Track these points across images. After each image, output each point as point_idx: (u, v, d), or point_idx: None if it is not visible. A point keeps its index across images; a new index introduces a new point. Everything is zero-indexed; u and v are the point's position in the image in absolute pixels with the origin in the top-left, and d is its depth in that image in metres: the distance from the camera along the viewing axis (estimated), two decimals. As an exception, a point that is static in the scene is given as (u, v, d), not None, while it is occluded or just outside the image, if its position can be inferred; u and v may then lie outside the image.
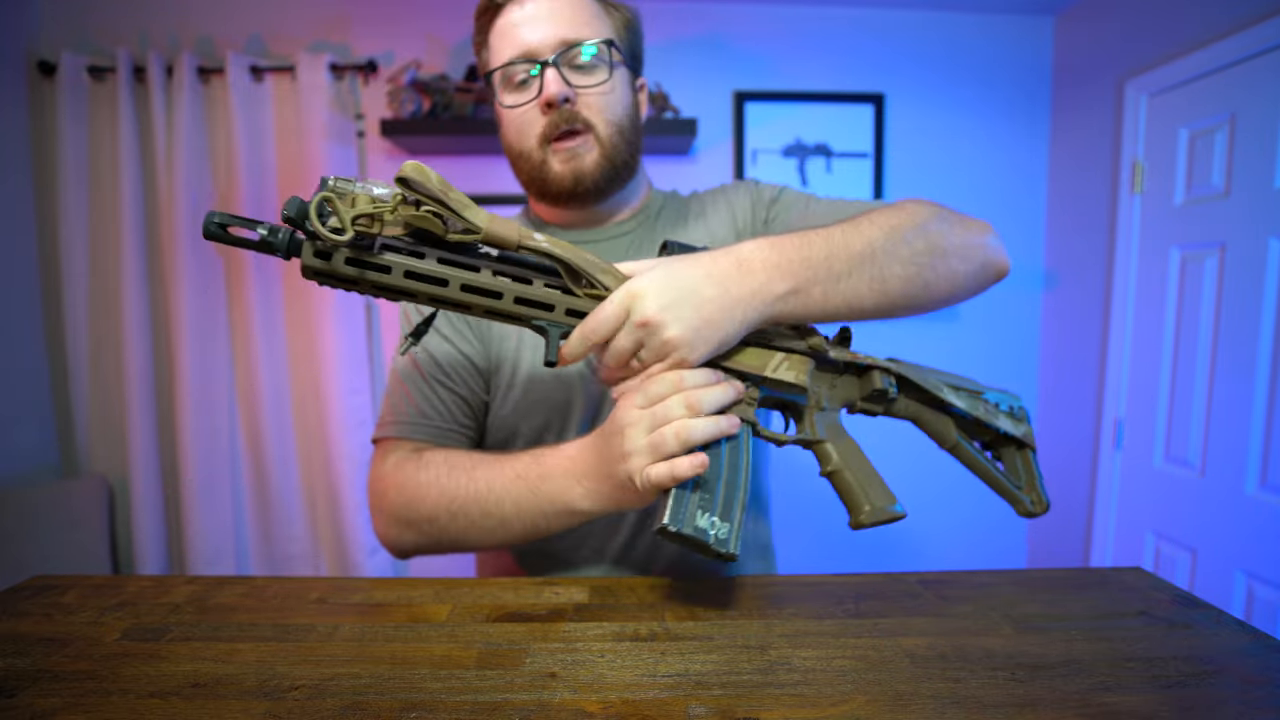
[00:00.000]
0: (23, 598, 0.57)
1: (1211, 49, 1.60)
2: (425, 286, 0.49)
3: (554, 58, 0.69)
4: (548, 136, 0.72)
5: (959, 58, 2.14)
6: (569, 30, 0.70)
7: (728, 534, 0.52)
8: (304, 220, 0.44)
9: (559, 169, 0.72)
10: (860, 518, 0.59)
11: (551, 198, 0.75)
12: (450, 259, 0.50)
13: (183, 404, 1.89)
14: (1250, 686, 0.44)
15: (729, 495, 0.53)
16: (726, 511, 0.52)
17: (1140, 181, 1.84)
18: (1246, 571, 1.56)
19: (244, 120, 1.88)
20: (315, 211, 0.43)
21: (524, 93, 0.72)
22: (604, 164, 0.73)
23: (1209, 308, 1.66)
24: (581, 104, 0.71)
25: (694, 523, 0.51)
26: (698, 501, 0.52)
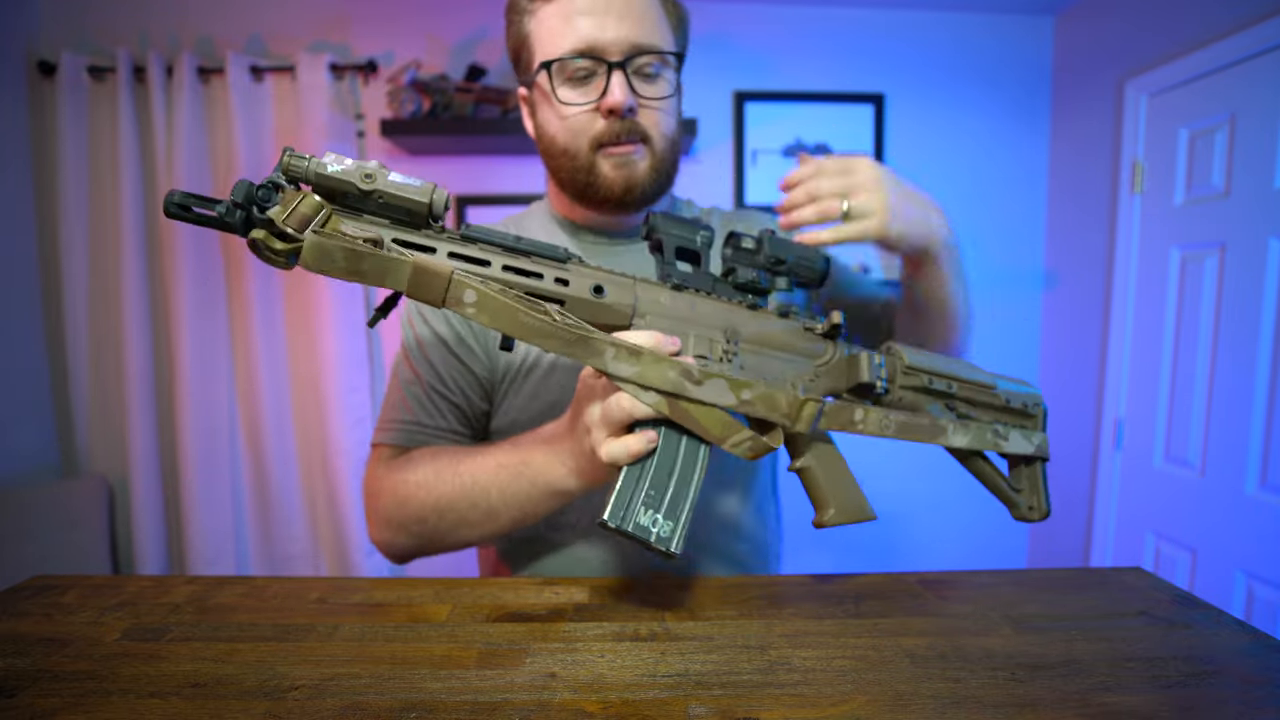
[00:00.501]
0: (23, 598, 0.57)
1: (1211, 49, 1.60)
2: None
3: (624, 62, 0.66)
4: (602, 141, 0.69)
5: (959, 57, 2.14)
6: (640, 33, 0.67)
7: (670, 532, 0.50)
8: (250, 205, 0.42)
9: (610, 174, 0.70)
10: (824, 518, 0.59)
11: (596, 202, 0.73)
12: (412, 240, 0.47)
13: (183, 404, 1.89)
14: (1250, 686, 0.44)
15: (678, 492, 0.51)
16: (673, 509, 0.51)
17: (1140, 181, 1.84)
18: (1246, 571, 1.56)
19: (244, 120, 1.88)
20: (257, 199, 0.42)
21: (583, 91, 0.68)
22: (654, 175, 0.71)
23: (1209, 308, 1.66)
24: (641, 115, 0.69)
25: (635, 519, 0.50)
26: (642, 497, 0.50)
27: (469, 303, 0.44)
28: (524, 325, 0.45)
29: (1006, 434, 0.64)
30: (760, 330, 0.59)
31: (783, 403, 0.53)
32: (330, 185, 0.44)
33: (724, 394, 0.51)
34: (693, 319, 0.56)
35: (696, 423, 0.51)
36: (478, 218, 2.03)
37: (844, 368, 0.61)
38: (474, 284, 0.44)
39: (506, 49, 0.75)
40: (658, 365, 0.49)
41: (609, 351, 0.47)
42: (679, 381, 0.49)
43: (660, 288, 0.56)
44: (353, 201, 0.45)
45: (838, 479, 0.59)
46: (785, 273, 0.60)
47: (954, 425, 0.61)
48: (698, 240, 0.58)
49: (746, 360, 0.58)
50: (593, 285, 0.52)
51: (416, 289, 0.43)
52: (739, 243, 0.60)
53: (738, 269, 0.59)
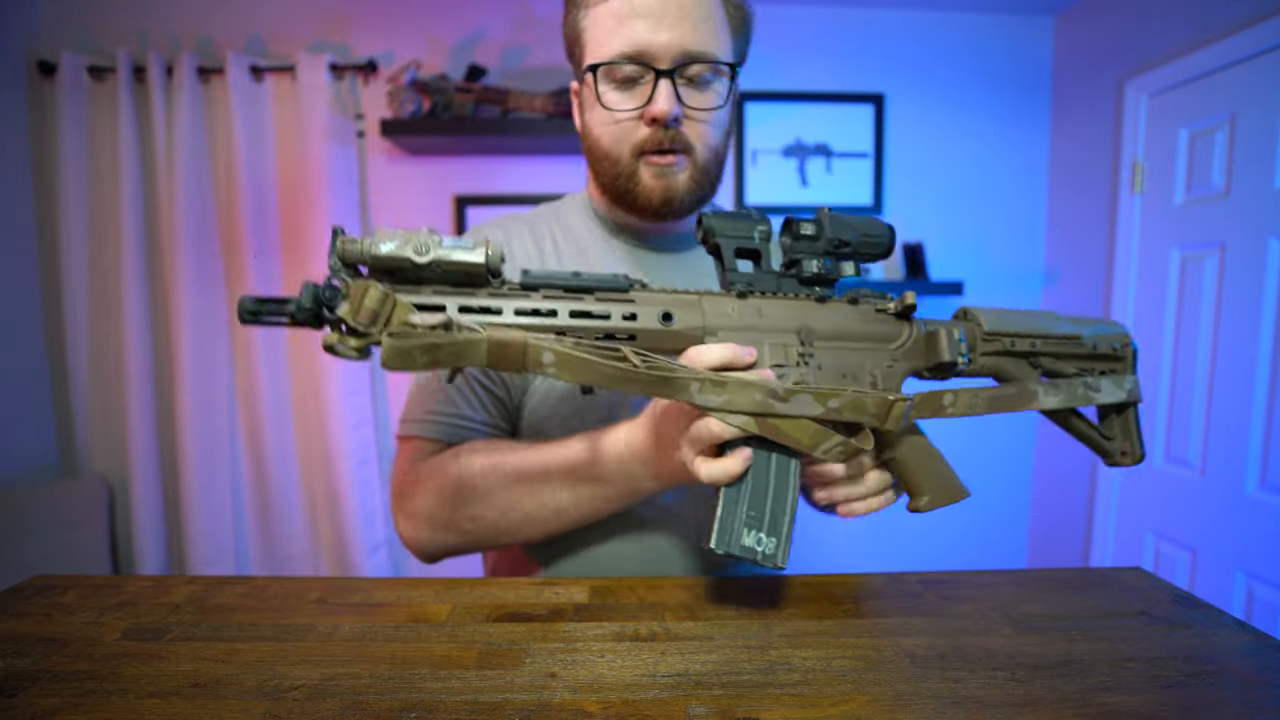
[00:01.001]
0: (23, 598, 0.57)
1: (1211, 49, 1.60)
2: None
3: (672, 70, 0.64)
4: (644, 149, 0.67)
5: (959, 58, 2.14)
6: (695, 39, 0.64)
7: (774, 549, 0.51)
8: (320, 308, 0.43)
9: (650, 183, 0.68)
10: (919, 504, 0.58)
11: (635, 208, 0.71)
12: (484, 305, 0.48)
13: (183, 404, 1.89)
14: (1250, 686, 0.44)
15: (776, 508, 0.52)
16: (774, 525, 0.51)
17: (1140, 181, 1.84)
18: (1246, 571, 1.56)
19: (244, 120, 1.88)
20: (324, 300, 0.43)
21: (629, 95, 0.66)
22: (694, 187, 0.70)
23: (1209, 308, 1.66)
24: (686, 125, 0.67)
25: (740, 542, 0.51)
26: (744, 519, 0.51)
27: (548, 364, 0.44)
28: (605, 375, 0.45)
29: (1098, 384, 0.62)
30: (833, 323, 0.58)
31: (870, 405, 0.52)
32: (386, 264, 0.45)
33: (810, 406, 0.50)
34: (762, 326, 0.55)
35: (786, 435, 0.50)
36: (477, 218, 2.03)
37: (922, 346, 0.60)
38: (549, 345, 0.44)
39: (562, 37, 0.73)
40: (744, 390, 0.48)
41: (694, 386, 0.48)
42: (765, 402, 0.49)
43: (726, 298, 0.55)
44: (410, 275, 0.46)
45: (928, 463, 0.58)
46: (850, 255, 0.58)
47: (1044, 388, 0.59)
48: (756, 236, 0.57)
49: (823, 359, 0.57)
50: (660, 314, 0.52)
51: (495, 361, 0.44)
52: (799, 229, 0.57)
53: (801, 261, 0.58)
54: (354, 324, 0.42)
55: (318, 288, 0.43)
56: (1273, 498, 1.50)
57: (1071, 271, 2.13)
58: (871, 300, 0.60)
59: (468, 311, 0.47)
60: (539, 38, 2.02)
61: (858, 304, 0.59)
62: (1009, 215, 2.21)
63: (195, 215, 1.87)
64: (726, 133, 0.72)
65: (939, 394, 0.56)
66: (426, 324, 0.43)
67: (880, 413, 0.52)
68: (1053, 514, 2.15)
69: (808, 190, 2.14)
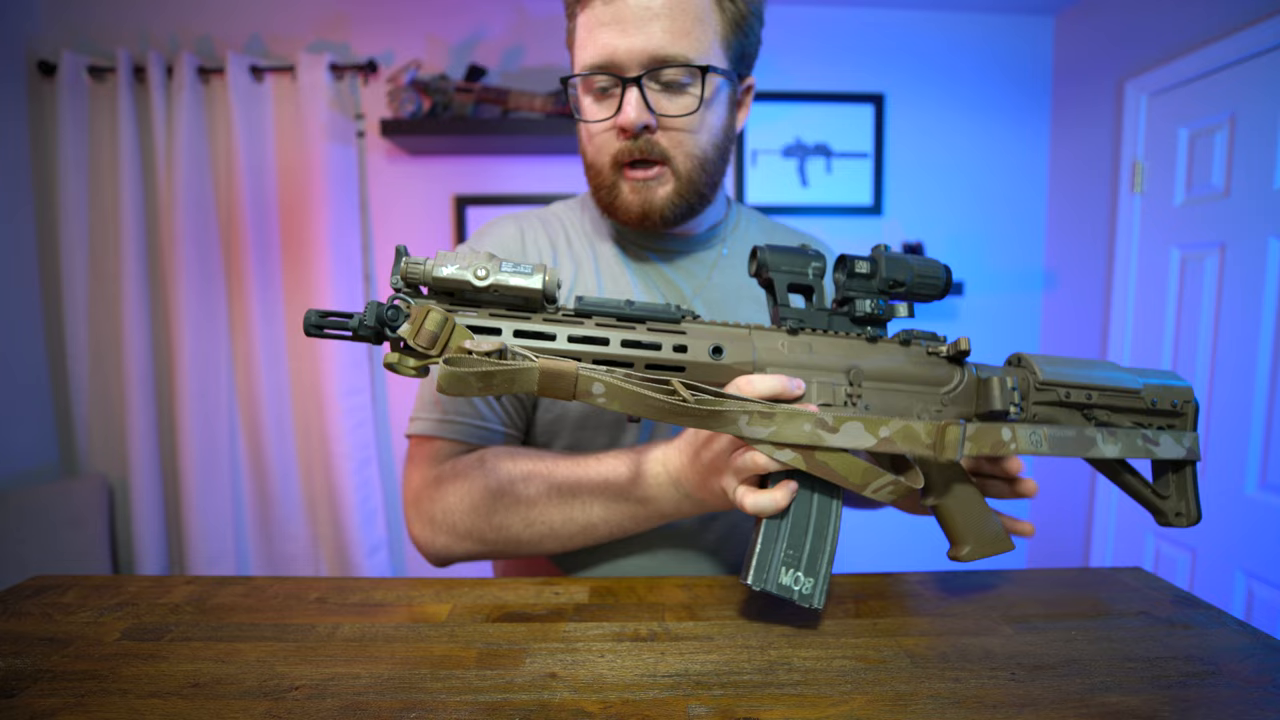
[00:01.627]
0: (23, 598, 0.57)
1: (1211, 49, 1.60)
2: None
3: (639, 76, 0.62)
4: (620, 161, 0.66)
5: (959, 57, 2.14)
6: (664, 41, 0.61)
7: (811, 589, 0.51)
8: (382, 327, 0.45)
9: (628, 197, 0.67)
10: (961, 554, 0.57)
11: (618, 220, 0.71)
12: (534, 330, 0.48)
13: (183, 404, 1.89)
14: (1250, 686, 0.44)
15: (815, 547, 0.51)
16: (812, 565, 0.51)
17: (1140, 181, 1.84)
18: (1246, 571, 1.56)
19: (244, 120, 1.88)
20: (387, 320, 0.44)
21: (603, 105, 0.65)
22: (676, 200, 0.67)
23: (1209, 308, 1.66)
24: (662, 133, 0.64)
25: (777, 580, 0.50)
26: (781, 557, 0.51)
27: (598, 394, 0.45)
28: (654, 408, 0.45)
29: (1157, 439, 0.60)
30: (883, 364, 0.57)
31: (922, 433, 0.51)
32: (447, 285, 0.46)
33: (861, 436, 0.49)
34: (812, 364, 0.55)
35: (834, 473, 0.49)
36: (477, 217, 2.03)
37: (973, 392, 0.59)
38: (600, 376, 0.45)
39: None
40: (792, 421, 0.48)
41: (743, 419, 0.47)
42: (814, 433, 0.48)
43: (777, 333, 0.55)
44: (470, 296, 0.47)
45: (973, 512, 0.58)
46: (905, 295, 0.58)
47: (1102, 435, 0.58)
48: (810, 273, 0.57)
49: (871, 400, 0.56)
50: (711, 347, 0.51)
51: (546, 389, 0.44)
52: (853, 267, 0.57)
53: (855, 299, 0.57)
54: (414, 345, 0.44)
55: (380, 306, 0.44)
56: (1273, 498, 1.50)
57: (1071, 271, 2.13)
58: (923, 342, 0.59)
59: (522, 336, 0.47)
60: (539, 38, 2.02)
61: (909, 345, 0.58)
62: (1009, 215, 2.21)
63: (195, 215, 1.87)
64: (719, 135, 0.68)
65: (997, 427, 0.54)
66: (481, 350, 0.44)
67: (934, 440, 0.51)
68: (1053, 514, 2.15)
69: (808, 190, 2.14)
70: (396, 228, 2.05)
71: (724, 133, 0.69)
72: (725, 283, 0.75)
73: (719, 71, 0.65)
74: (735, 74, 0.68)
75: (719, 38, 0.65)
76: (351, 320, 0.45)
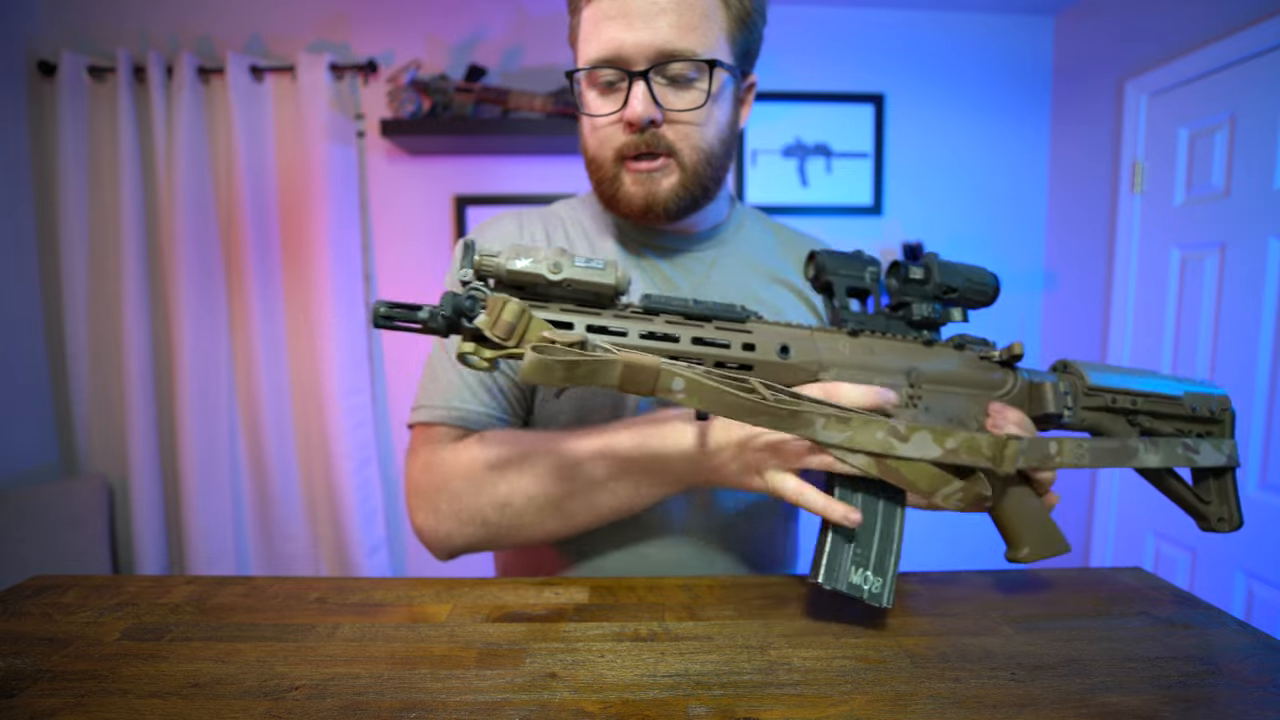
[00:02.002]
0: (23, 598, 0.57)
1: (1211, 49, 1.60)
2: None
3: (646, 71, 0.62)
4: (624, 154, 0.66)
5: (959, 57, 2.14)
6: (671, 36, 0.61)
7: (880, 588, 0.52)
8: (460, 317, 0.45)
9: (631, 189, 0.67)
10: (1019, 555, 0.58)
11: (619, 213, 0.71)
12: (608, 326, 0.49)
13: (183, 404, 1.89)
14: (1250, 686, 0.44)
15: (883, 547, 0.52)
16: (881, 565, 0.52)
17: (1140, 181, 1.84)
18: (1246, 571, 1.56)
19: (244, 120, 1.88)
20: (464, 310, 0.45)
21: (608, 100, 0.65)
22: (681, 192, 0.67)
23: (1209, 308, 1.66)
24: (668, 127, 0.64)
25: (848, 579, 0.51)
26: (851, 557, 0.51)
27: (678, 389, 0.45)
28: (732, 405, 0.45)
29: (1198, 446, 0.61)
30: (940, 368, 0.58)
31: (985, 446, 0.51)
32: (519, 279, 0.47)
33: (929, 446, 0.50)
34: (874, 366, 0.56)
35: (904, 478, 0.50)
36: (477, 217, 2.03)
37: (1025, 397, 0.60)
38: (681, 372, 0.45)
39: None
40: (867, 428, 0.48)
41: (819, 422, 0.47)
42: (887, 441, 0.49)
43: (837, 335, 0.56)
44: (540, 291, 0.48)
45: (1029, 514, 0.58)
46: (957, 301, 0.58)
47: (1144, 445, 0.59)
48: (866, 277, 0.57)
49: (930, 402, 0.57)
50: (779, 346, 0.52)
51: (627, 383, 0.44)
52: (907, 274, 0.58)
53: (911, 303, 0.58)
54: (491, 335, 0.44)
55: (457, 297, 0.45)
56: (1273, 498, 1.50)
57: (1071, 271, 2.13)
58: (976, 347, 0.60)
59: (594, 330, 0.48)
60: (539, 38, 2.02)
61: (963, 349, 0.59)
62: (1009, 215, 2.21)
63: (195, 215, 1.87)
64: (724, 130, 0.68)
65: (1046, 442, 0.55)
66: (564, 341, 0.44)
67: (995, 454, 0.51)
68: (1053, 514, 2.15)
69: (808, 190, 2.14)
70: (396, 228, 2.05)
71: (729, 128, 0.69)
72: (724, 281, 0.75)
73: (725, 66, 0.65)
74: (739, 70, 0.69)
75: (724, 33, 0.65)
76: (421, 312, 0.45)
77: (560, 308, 0.48)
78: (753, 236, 0.80)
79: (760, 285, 0.76)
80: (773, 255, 0.79)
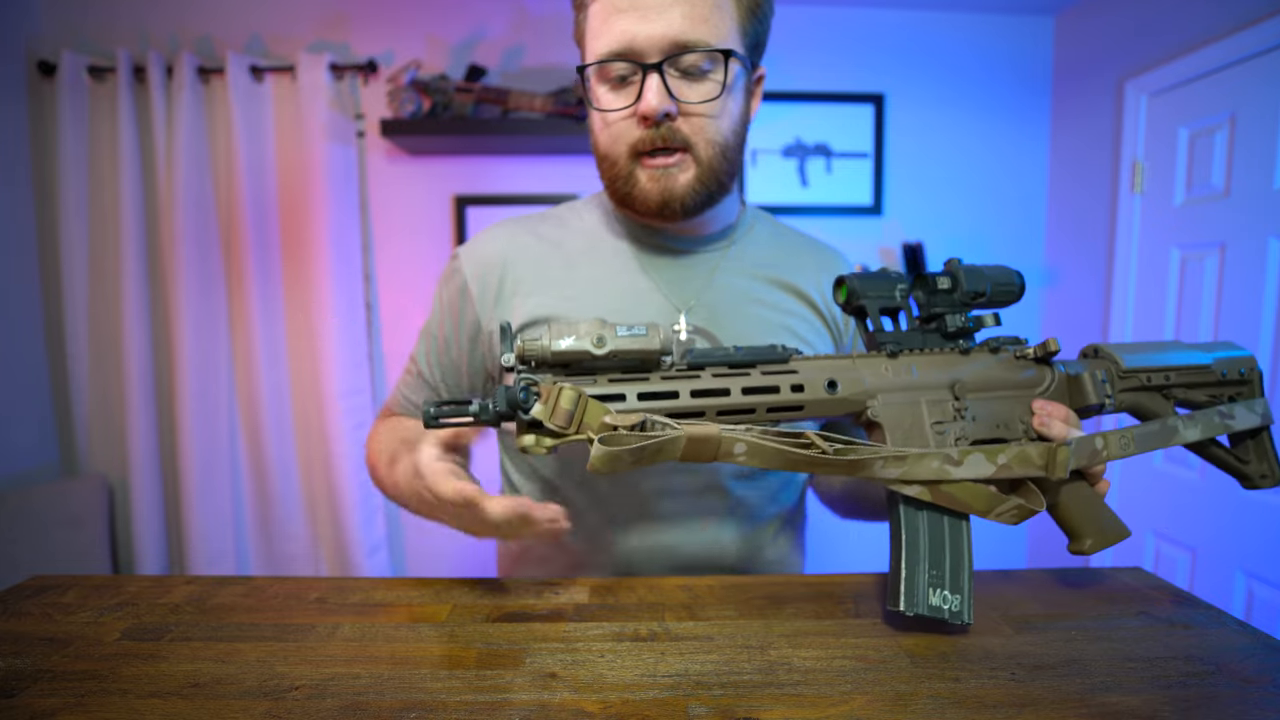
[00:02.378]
0: (23, 598, 0.57)
1: (1211, 49, 1.60)
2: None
3: (660, 63, 0.61)
4: (639, 150, 0.65)
5: (959, 57, 2.14)
6: (684, 27, 0.60)
7: (960, 605, 0.51)
8: (514, 410, 0.46)
9: (646, 185, 0.66)
10: (1083, 548, 0.58)
11: (634, 210, 0.70)
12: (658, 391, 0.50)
13: (183, 404, 1.89)
14: (1250, 686, 0.44)
15: (955, 563, 0.52)
16: (956, 582, 0.52)
17: (1140, 181, 1.84)
18: (1246, 571, 1.56)
19: (244, 120, 1.88)
20: (520, 404, 0.46)
21: (621, 94, 0.64)
22: (697, 187, 0.66)
23: (1209, 308, 1.66)
24: (683, 120, 0.64)
25: (928, 601, 0.51)
26: (927, 579, 0.51)
27: (739, 453, 0.46)
28: (794, 461, 0.47)
29: (1231, 412, 0.62)
30: (980, 374, 0.58)
31: (1035, 456, 0.52)
32: (565, 359, 0.48)
33: (982, 466, 0.51)
34: (918, 385, 0.56)
35: (960, 501, 0.51)
36: (477, 217, 2.03)
37: (1065, 389, 0.60)
38: (741, 436, 0.46)
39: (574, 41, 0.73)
40: (921, 461, 0.50)
41: (878, 464, 0.49)
42: (941, 469, 0.50)
43: (878, 359, 0.56)
44: (587, 366, 0.49)
45: (1086, 506, 0.58)
46: (986, 304, 0.59)
47: (1184, 421, 0.59)
48: (897, 295, 0.58)
49: (976, 410, 0.57)
50: (826, 381, 0.53)
51: (690, 454, 0.46)
52: (934, 284, 0.58)
53: (945, 315, 0.58)
54: (550, 425, 0.45)
55: (511, 390, 0.46)
56: (1273, 498, 1.50)
57: (1071, 271, 2.13)
58: (1010, 347, 0.60)
59: (646, 398, 0.49)
60: (539, 38, 2.02)
61: (998, 352, 0.59)
62: (1009, 215, 2.21)
63: (195, 215, 1.87)
64: (738, 123, 0.68)
65: (1092, 438, 0.55)
66: (625, 425, 0.45)
67: (1046, 462, 0.52)
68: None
69: (808, 190, 2.14)
70: (396, 228, 2.05)
71: (742, 121, 0.69)
72: (730, 284, 0.75)
73: (738, 57, 0.64)
74: (750, 61, 0.68)
75: (736, 24, 0.64)
76: (472, 406, 0.47)
77: (609, 378, 0.49)
78: (761, 239, 0.79)
79: (764, 289, 0.75)
80: (779, 259, 0.78)
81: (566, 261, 0.74)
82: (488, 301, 0.73)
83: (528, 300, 0.71)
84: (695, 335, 0.71)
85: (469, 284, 0.74)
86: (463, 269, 0.75)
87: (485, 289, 0.73)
